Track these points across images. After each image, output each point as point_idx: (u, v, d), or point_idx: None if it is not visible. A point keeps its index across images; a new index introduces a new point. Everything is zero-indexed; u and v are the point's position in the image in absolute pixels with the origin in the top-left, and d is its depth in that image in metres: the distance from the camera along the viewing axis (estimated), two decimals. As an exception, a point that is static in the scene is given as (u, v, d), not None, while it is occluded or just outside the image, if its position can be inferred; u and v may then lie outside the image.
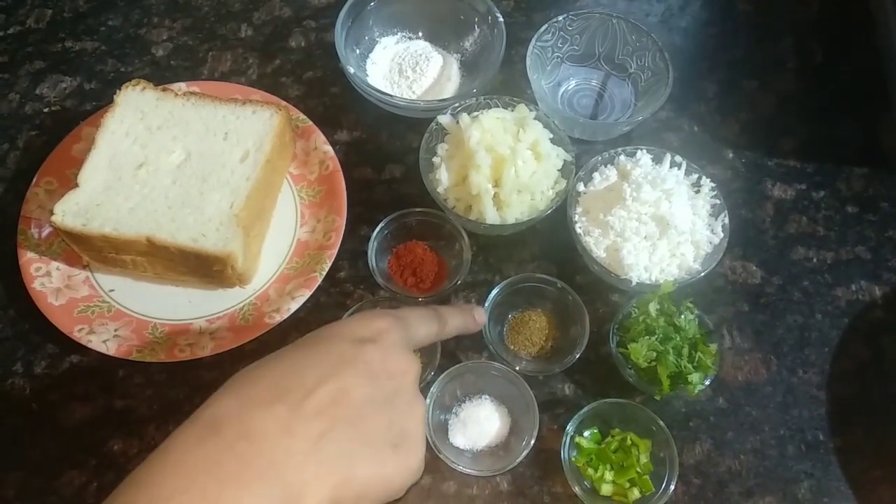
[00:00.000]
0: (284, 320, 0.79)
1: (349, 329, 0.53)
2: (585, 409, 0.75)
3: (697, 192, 0.84)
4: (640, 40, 0.93)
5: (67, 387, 0.79)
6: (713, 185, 0.84)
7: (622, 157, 0.85)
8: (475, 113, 0.85)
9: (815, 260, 0.88)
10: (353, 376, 0.49)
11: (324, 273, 0.81)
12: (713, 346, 0.77)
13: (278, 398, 0.47)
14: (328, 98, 0.96)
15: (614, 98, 0.97)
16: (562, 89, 0.97)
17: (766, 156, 0.94)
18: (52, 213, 0.77)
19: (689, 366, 0.75)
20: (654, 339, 0.76)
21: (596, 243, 0.81)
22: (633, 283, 0.79)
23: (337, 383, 0.48)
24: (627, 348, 0.76)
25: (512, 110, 0.86)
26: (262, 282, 0.83)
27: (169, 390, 0.79)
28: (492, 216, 0.81)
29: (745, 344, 0.83)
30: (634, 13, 1.04)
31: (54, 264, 0.82)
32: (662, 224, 0.79)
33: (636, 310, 0.79)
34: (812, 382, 0.82)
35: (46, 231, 0.82)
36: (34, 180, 0.86)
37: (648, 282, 0.79)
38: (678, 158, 0.85)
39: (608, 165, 0.86)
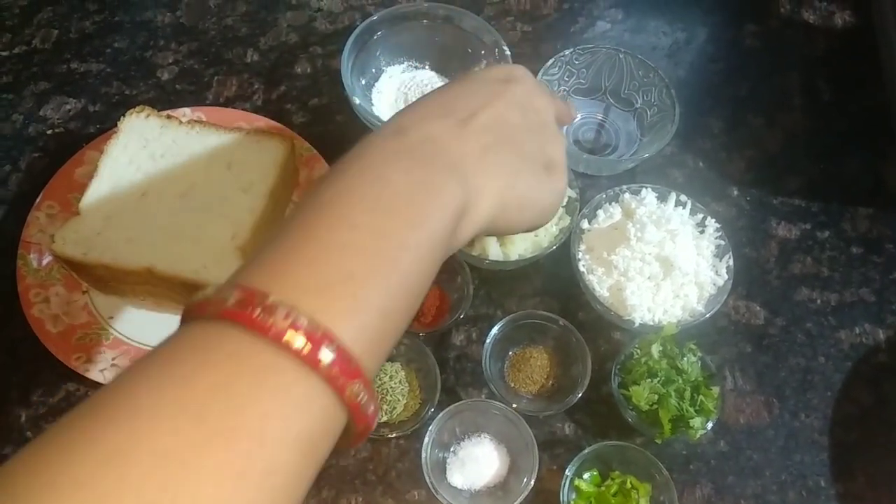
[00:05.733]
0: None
1: (494, 72, 0.57)
2: (585, 451, 0.74)
3: (702, 232, 0.84)
4: (647, 76, 0.93)
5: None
6: (718, 225, 0.84)
7: (627, 195, 0.85)
8: None
9: (818, 301, 0.88)
10: (506, 107, 0.53)
11: None
12: (715, 390, 0.76)
13: (449, 115, 0.51)
14: (333, 126, 0.96)
15: (619, 132, 0.96)
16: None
17: (771, 194, 0.94)
18: (52, 240, 0.77)
19: (691, 409, 0.74)
20: (656, 381, 0.75)
21: (599, 282, 0.81)
22: (636, 325, 0.78)
23: (495, 110, 0.52)
24: (629, 390, 0.76)
25: None
26: (262, 313, 0.82)
27: (165, 421, 0.78)
28: (495, 252, 0.81)
29: (747, 386, 0.83)
30: (641, 46, 1.03)
31: (53, 290, 0.81)
32: (666, 265, 0.79)
33: (638, 351, 0.78)
34: (814, 427, 0.81)
35: (47, 259, 0.82)
36: (35, 204, 0.85)
37: (651, 323, 0.79)
38: (683, 197, 0.84)
39: (613, 203, 0.85)
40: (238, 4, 1.05)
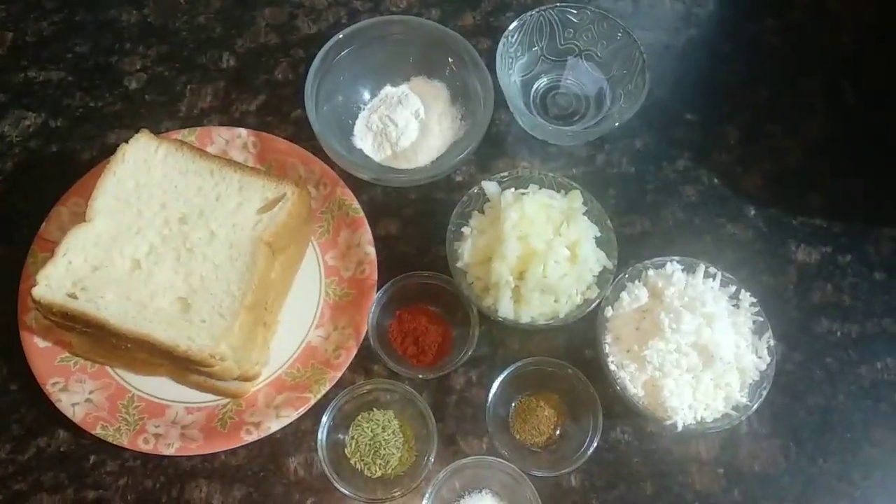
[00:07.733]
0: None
1: None
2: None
3: (736, 306, 0.76)
4: (614, 35, 0.88)
5: (35, 474, 0.73)
6: (754, 300, 0.76)
7: (651, 272, 0.77)
8: (522, 190, 0.78)
9: (839, 333, 0.83)
10: None
11: (318, 396, 0.74)
12: None
13: None
14: (317, 141, 0.87)
15: (589, 99, 0.92)
16: (533, 88, 0.92)
17: (790, 213, 0.88)
18: (36, 282, 0.70)
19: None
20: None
21: (632, 379, 0.73)
22: (679, 429, 0.71)
23: None
24: None
25: (565, 195, 0.79)
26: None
27: (144, 479, 0.73)
28: (505, 310, 0.74)
29: (762, 429, 0.78)
30: (652, 45, 0.94)
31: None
32: (705, 354, 0.72)
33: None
34: (833, 472, 0.77)
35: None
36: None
37: (694, 424, 0.72)
38: (712, 269, 0.77)
39: (636, 282, 0.77)
40: (211, 0, 0.95)
